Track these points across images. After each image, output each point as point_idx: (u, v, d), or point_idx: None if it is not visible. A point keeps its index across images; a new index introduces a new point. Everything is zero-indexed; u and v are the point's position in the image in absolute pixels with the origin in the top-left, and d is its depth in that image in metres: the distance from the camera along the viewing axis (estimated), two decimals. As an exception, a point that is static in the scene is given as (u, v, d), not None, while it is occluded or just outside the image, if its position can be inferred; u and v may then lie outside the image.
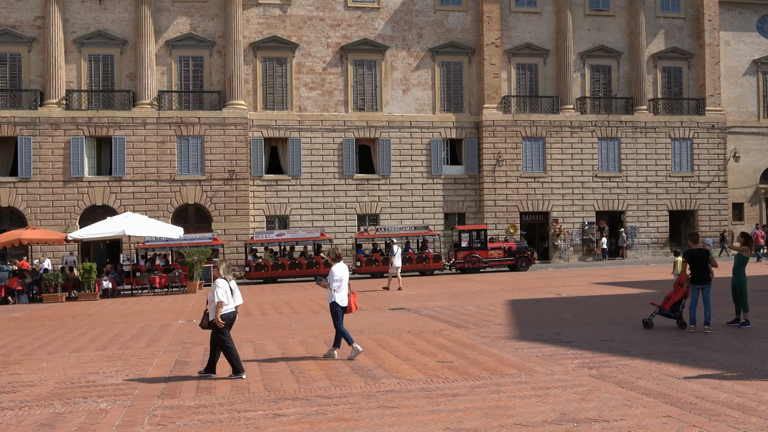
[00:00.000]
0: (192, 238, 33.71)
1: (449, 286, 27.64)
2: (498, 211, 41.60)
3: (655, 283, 26.18)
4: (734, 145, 45.47)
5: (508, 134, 41.89)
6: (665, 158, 43.83)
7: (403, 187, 41.28)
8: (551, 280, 29.61)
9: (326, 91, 40.79)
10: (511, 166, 41.86)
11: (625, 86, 44.08)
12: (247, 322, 18.33)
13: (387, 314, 19.08)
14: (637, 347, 12.71)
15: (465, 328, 15.82)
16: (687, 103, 44.48)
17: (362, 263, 35.02)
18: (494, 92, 41.86)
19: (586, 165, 42.81)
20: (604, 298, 21.50)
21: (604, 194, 43.06)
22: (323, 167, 40.47)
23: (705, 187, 44.25)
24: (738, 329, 14.47)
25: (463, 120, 42.07)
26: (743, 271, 15.29)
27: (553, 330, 15.09)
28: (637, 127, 43.48)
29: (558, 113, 42.57)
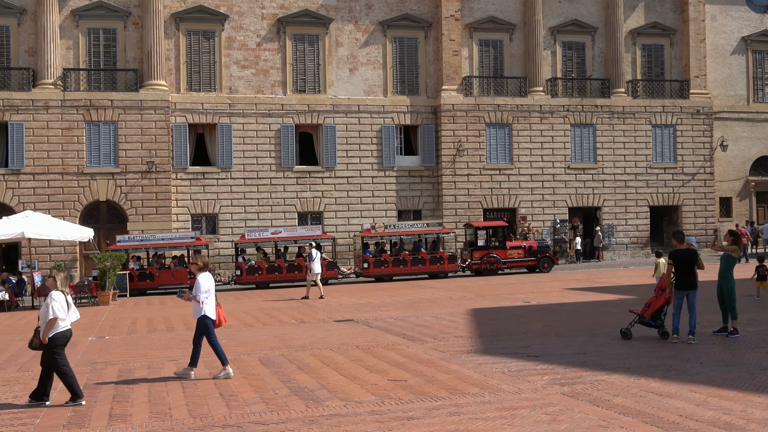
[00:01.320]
0: (171, 238, 33.80)
1: (403, 294, 27.73)
2: (458, 208, 41.91)
3: (635, 287, 26.64)
4: (721, 132, 46.57)
5: (469, 120, 42.20)
6: (645, 147, 44.68)
7: (350, 180, 41.27)
8: (519, 285, 29.93)
9: (261, 70, 40.53)
10: (473, 156, 42.19)
11: (601, 66, 44.79)
12: (169, 338, 18.11)
13: (332, 327, 19.05)
14: (614, 360, 12.93)
15: (421, 341, 15.88)
16: (669, 85, 45.40)
17: (370, 265, 35.47)
18: (454, 72, 42.13)
19: (558, 155, 43.40)
20: (577, 306, 21.80)
21: (578, 188, 43.71)
22: (258, 158, 40.21)
23: (689, 180, 45.24)
24: (725, 339, 14.82)
25: (419, 104, 42.24)
26: (732, 273, 15.65)
27: (521, 342, 15.25)
28: (614, 112, 44.23)
29: (526, 96, 43.05)
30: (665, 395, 10.30)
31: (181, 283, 33.32)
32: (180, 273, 33.66)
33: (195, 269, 12.99)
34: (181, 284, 33.20)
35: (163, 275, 33.66)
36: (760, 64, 47.91)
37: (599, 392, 10.63)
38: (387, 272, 35.62)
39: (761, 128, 47.77)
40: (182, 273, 33.60)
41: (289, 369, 13.28)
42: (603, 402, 10.06)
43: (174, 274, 33.64)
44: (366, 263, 35.51)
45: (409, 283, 33.65)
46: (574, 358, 13.27)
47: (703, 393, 10.34)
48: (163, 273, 33.71)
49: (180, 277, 33.56)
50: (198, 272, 12.94)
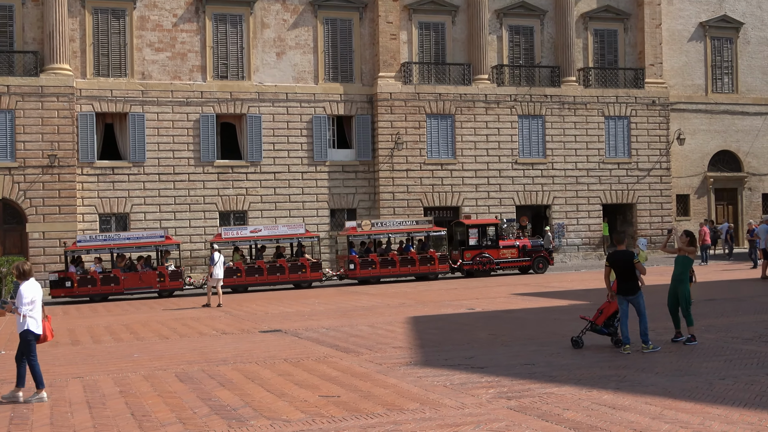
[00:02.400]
0: (138, 237, 33.67)
1: (341, 301, 27.73)
2: (397, 206, 42.06)
3: (587, 292, 27.05)
4: (678, 125, 47.64)
5: (409, 110, 42.39)
6: (598, 141, 45.46)
7: (277, 176, 41.11)
8: (462, 291, 30.17)
9: (178, 54, 40.09)
10: (413, 150, 42.39)
11: (551, 52, 45.44)
12: (74, 353, 17.80)
13: (257, 338, 18.96)
14: (564, 371, 13.13)
15: (356, 353, 15.90)
16: (623, 73, 46.28)
17: (356, 266, 35.70)
18: (391, 58, 42.27)
19: (505, 149, 43.88)
20: (525, 313, 22.07)
21: (526, 185, 44.26)
22: (174, 151, 39.78)
23: (645, 176, 46.19)
24: (682, 346, 15.16)
25: (354, 92, 42.27)
26: (687, 276, 16.03)
27: (465, 353, 15.37)
28: (565, 102, 44.90)
29: (470, 85, 43.42)
30: (618, 408, 10.50)
31: (150, 287, 33.02)
32: (148, 276, 33.41)
33: (16, 276, 12.67)
34: (150, 288, 32.93)
35: (129, 278, 33.32)
36: (719, 52, 49.16)
37: (548, 406, 10.78)
38: (374, 274, 36.07)
39: (720, 120, 49.02)
40: (151, 276, 33.40)
41: (210, 385, 13.17)
42: (552, 416, 10.21)
43: (142, 277, 33.26)
44: (352, 264, 35.81)
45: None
46: (521, 370, 13.43)
47: (658, 405, 10.56)
48: (130, 276, 33.39)
49: (149, 280, 33.26)
50: (20, 280, 12.60)
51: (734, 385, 11.56)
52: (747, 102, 49.50)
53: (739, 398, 10.77)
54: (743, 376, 12.23)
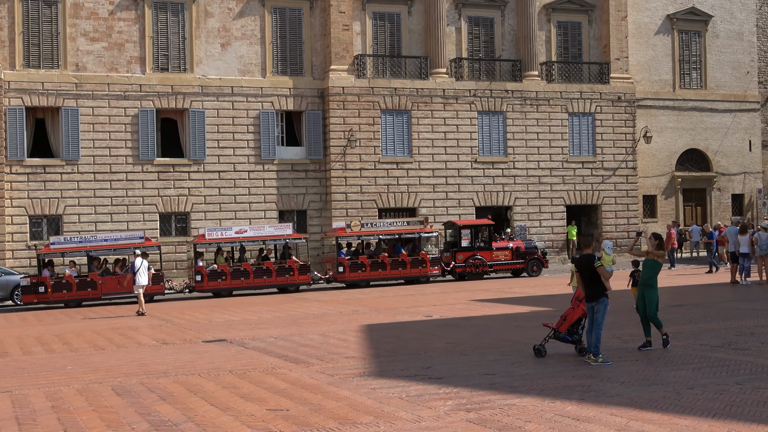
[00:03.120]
0: (115, 239, 33.74)
1: (290, 308, 27.65)
2: (350, 208, 42.07)
3: (550, 298, 27.25)
4: (645, 122, 48.25)
5: (362, 106, 42.42)
6: (561, 139, 45.86)
7: (222, 175, 40.92)
8: (419, 297, 30.26)
9: (115, 44, 39.71)
10: (366, 147, 42.42)
11: (512, 45, 45.75)
12: (1, 366, 17.54)
13: (200, 348, 18.84)
14: (526, 381, 13.22)
15: (306, 363, 15.87)
16: (588, 68, 46.75)
17: (346, 269, 36.17)
18: (344, 50, 42.26)
19: (464, 147, 44.09)
20: (485, 320, 22.18)
21: (486, 185, 44.51)
22: (111, 149, 39.41)
23: (610, 176, 46.70)
24: (648, 354, 15.33)
25: (304, 86, 42.21)
26: (656, 281, 16.27)
27: (421, 363, 15.41)
28: (527, 98, 45.24)
29: (427, 79, 43.57)
30: (583, 420, 10.59)
31: (129, 292, 32.45)
32: (129, 280, 32.84)
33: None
34: (129, 293, 32.38)
35: (107, 283, 33.29)
36: (687, 46, 49.87)
37: (509, 418, 10.84)
38: (364, 277, 36.62)
39: (688, 117, 49.73)
40: (130, 279, 32.73)
41: (149, 399, 13.06)
42: (514, 429, 10.27)
43: (121, 282, 32.98)
44: (341, 267, 36.21)
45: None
46: (481, 380, 13.49)
47: (624, 416, 10.67)
48: (108, 280, 33.33)
49: (128, 284, 32.66)
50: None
51: (703, 395, 11.73)
52: (716, 98, 50.28)
53: (707, 408, 10.92)
54: (712, 385, 12.40)
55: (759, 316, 20.78)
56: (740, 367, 13.73)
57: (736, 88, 50.97)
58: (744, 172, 51.22)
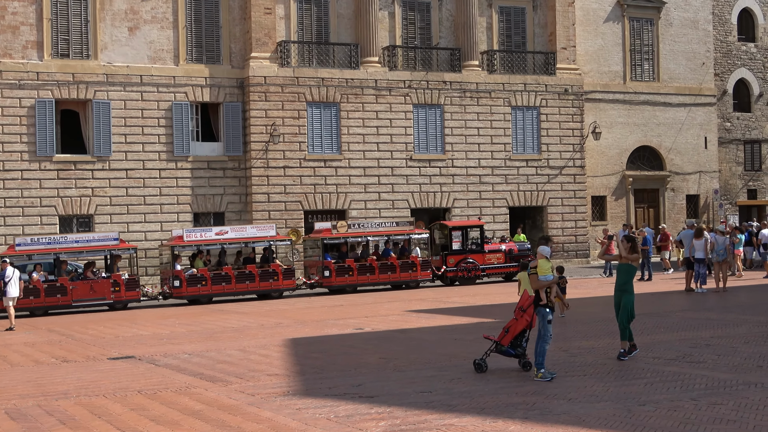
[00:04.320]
0: (87, 240, 33.93)
1: (205, 321, 27.47)
2: (273, 210, 41.93)
3: (493, 308, 27.44)
4: (594, 117, 48.90)
5: (286, 97, 42.31)
6: (504, 135, 46.27)
7: (130, 174, 40.51)
8: (349, 308, 30.28)
9: (8, 27, 39.08)
10: (291, 143, 42.33)
11: (450, 32, 46.02)
12: None
13: (105, 366, 18.61)
14: (465, 399, 13.29)
15: (224, 382, 15.78)
16: (532, 58, 47.24)
17: (332, 273, 36.66)
18: (266, 36, 42.12)
19: (398, 143, 44.22)
20: (422, 333, 22.27)
21: (423, 185, 44.70)
22: (4, 144, 38.82)
23: (556, 175, 47.24)
24: (598, 368, 15.52)
25: (222, 75, 41.98)
26: (632, 287, 16.82)
27: (352, 380, 15.41)
28: (467, 90, 45.55)
29: (358, 68, 43.62)
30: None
31: (102, 298, 33.21)
32: (101, 285, 33.41)
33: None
34: (103, 299, 33.22)
35: (79, 288, 33.22)
36: (638, 34, 50.70)
37: (448, 439, 10.90)
38: (351, 281, 37.19)
39: (640, 112, 50.54)
40: (104, 285, 33.41)
41: (48, 423, 12.86)
42: (452, 451, 10.31)
43: (94, 287, 33.19)
44: (327, 271, 36.60)
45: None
46: (417, 398, 13.54)
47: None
48: (80, 285, 33.27)
49: (101, 290, 33.24)
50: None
51: (655, 412, 11.92)
52: (669, 91, 51.18)
53: (660, 426, 11.10)
54: (665, 401, 12.61)
55: (715, 326, 21.19)
56: (695, 382, 13.98)
57: (691, 80, 51.95)
58: (699, 171, 52.23)
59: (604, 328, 21.34)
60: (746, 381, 13.91)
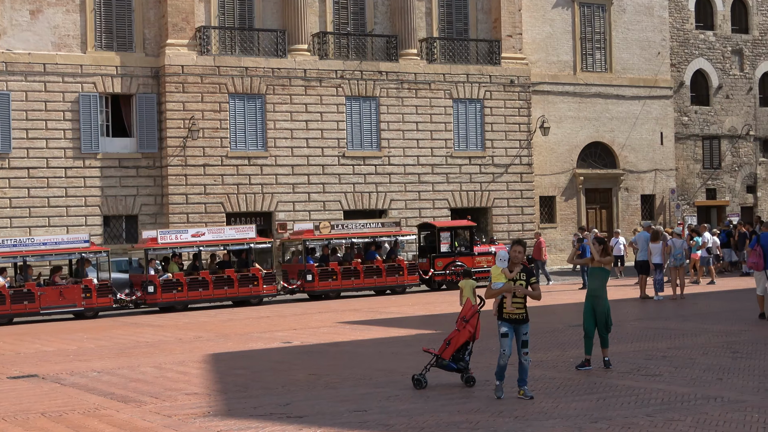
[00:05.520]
0: (56, 243, 34.31)
1: (117, 335, 27.22)
2: (191, 212, 41.68)
3: (433, 319, 27.57)
4: (542, 110, 49.29)
5: (206, 88, 42.11)
6: (445, 129, 46.46)
7: (32, 173, 40.09)
8: (277, 319, 30.23)
9: None
10: (212, 139, 42.13)
11: (386, 18, 46.11)
12: None
13: (5, 386, 18.36)
14: (403, 418, 13.32)
15: (138, 402, 15.65)
16: (475, 46, 47.50)
17: (315, 277, 37.32)
18: (184, 20, 41.87)
19: (329, 139, 44.21)
20: (356, 346, 22.30)
21: (357, 184, 44.71)
22: None
23: (502, 174, 47.54)
24: (547, 382, 15.64)
25: (134, 64, 41.66)
26: (606, 292, 17.09)
27: (279, 399, 15.38)
28: (404, 81, 45.67)
29: (285, 57, 43.54)
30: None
31: (73, 305, 33.51)
32: (72, 291, 33.65)
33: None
34: (74, 306, 33.54)
35: (48, 294, 33.43)
36: (590, 21, 51.24)
37: (384, 462, 10.91)
38: (335, 286, 38.01)
39: (591, 105, 51.07)
40: (74, 291, 33.67)
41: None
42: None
43: (63, 293, 33.45)
44: (310, 275, 37.18)
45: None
46: (350, 418, 13.54)
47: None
48: (49, 291, 33.47)
49: (72, 296, 33.59)
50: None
51: (608, 429, 12.03)
52: (623, 83, 51.80)
53: (614, 445, 11.23)
54: (619, 417, 12.74)
55: (672, 336, 21.49)
56: (651, 397, 14.15)
57: (646, 71, 52.62)
58: (655, 169, 52.92)
59: (553, 339, 21.54)
60: (705, 395, 14.10)
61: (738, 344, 19.58)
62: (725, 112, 56.02)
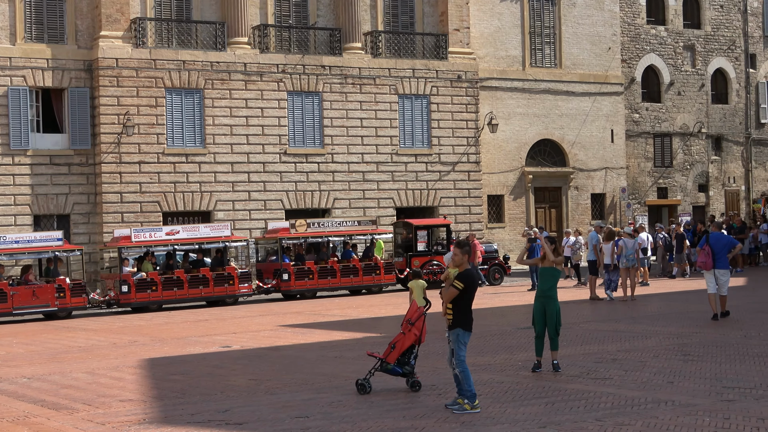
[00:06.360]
0: (29, 241, 34.61)
1: (48, 339, 26.98)
2: (126, 212, 41.42)
3: (378, 322, 27.65)
4: (490, 106, 49.54)
5: (142, 83, 41.87)
6: (390, 126, 46.54)
7: (-42, 170, 39.65)
8: (216, 323, 30.15)
9: None
10: (148, 136, 41.89)
11: (329, 11, 46.10)
12: None
13: (-71, 394, 18.14)
14: (347, 425, 13.35)
15: (70, 410, 15.55)
16: (422, 40, 47.61)
17: (291, 276, 37.68)
18: (118, 11, 41.60)
19: (270, 135, 44.12)
20: (298, 350, 22.30)
21: (299, 183, 44.66)
22: None
23: (449, 172, 47.70)
24: (494, 386, 15.73)
25: (66, 57, 41.36)
26: (557, 292, 17.30)
27: (217, 405, 15.35)
28: (348, 76, 45.68)
29: (224, 50, 43.40)
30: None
31: (46, 305, 33.89)
32: (45, 291, 33.92)
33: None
34: (47, 306, 33.91)
35: (21, 294, 33.68)
36: (539, 15, 51.55)
37: (327, 470, 10.94)
38: (312, 286, 38.45)
39: (540, 101, 51.39)
40: (48, 290, 33.94)
41: None
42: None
43: (36, 293, 33.72)
44: (286, 274, 37.48)
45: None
46: (292, 424, 13.55)
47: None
48: (21, 291, 33.72)
49: (45, 296, 33.86)
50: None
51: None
52: (573, 79, 52.17)
53: (562, 450, 11.33)
54: (568, 422, 12.86)
55: (622, 338, 21.70)
56: (601, 400, 14.29)
57: (596, 66, 53.04)
58: (605, 167, 53.34)
59: (501, 342, 21.67)
60: (655, 398, 14.27)
61: (689, 347, 19.82)
62: (677, 109, 56.60)
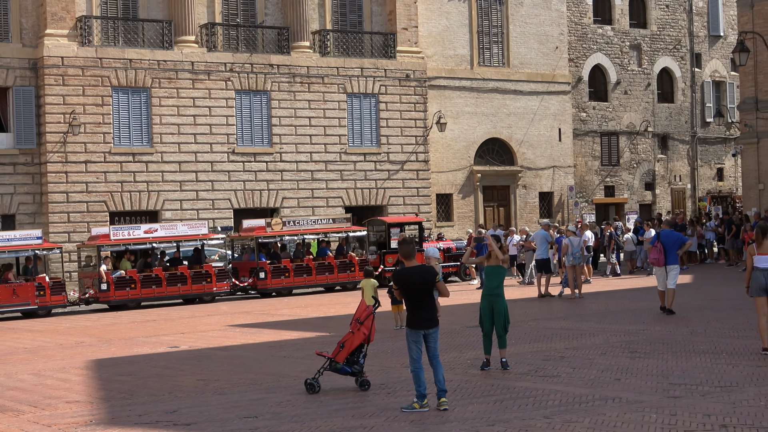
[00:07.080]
0: (8, 239, 34.66)
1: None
2: (72, 211, 41.15)
3: (327, 321, 27.65)
4: (439, 105, 49.67)
5: (88, 81, 41.60)
6: (339, 125, 46.56)
7: None
8: (164, 323, 30.05)
9: None
10: (94, 135, 41.65)
11: (277, 9, 46.03)
12: None
13: None
14: (296, 424, 13.35)
15: (15, 412, 15.43)
16: (370, 39, 47.67)
17: (267, 274, 37.75)
18: (63, 9, 41.30)
19: (218, 134, 43.99)
20: (246, 350, 22.26)
21: (247, 182, 44.57)
22: None
23: (398, 171, 47.80)
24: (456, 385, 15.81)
25: (10, 55, 41.05)
26: (503, 290, 17.35)
27: (165, 405, 15.29)
28: (297, 74, 45.64)
29: (171, 49, 43.21)
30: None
31: (26, 303, 33.96)
32: (25, 289, 34.04)
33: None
34: (27, 304, 33.95)
35: (1, 293, 33.69)
36: (487, 14, 51.75)
37: (275, 470, 10.93)
38: (288, 284, 38.66)
39: (489, 100, 51.60)
40: (28, 289, 34.10)
41: None
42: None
43: (17, 291, 33.83)
44: (263, 272, 37.59)
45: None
46: (241, 425, 13.53)
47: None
48: (2, 289, 33.78)
49: (25, 294, 33.97)
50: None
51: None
52: (520, 78, 52.44)
53: (510, 448, 11.39)
54: (516, 420, 12.94)
55: (570, 336, 21.84)
56: (549, 398, 14.38)
57: (544, 66, 53.34)
58: (553, 166, 53.68)
59: (449, 341, 21.72)
60: (603, 396, 14.38)
61: (636, 344, 19.97)
62: (623, 108, 57.09)
